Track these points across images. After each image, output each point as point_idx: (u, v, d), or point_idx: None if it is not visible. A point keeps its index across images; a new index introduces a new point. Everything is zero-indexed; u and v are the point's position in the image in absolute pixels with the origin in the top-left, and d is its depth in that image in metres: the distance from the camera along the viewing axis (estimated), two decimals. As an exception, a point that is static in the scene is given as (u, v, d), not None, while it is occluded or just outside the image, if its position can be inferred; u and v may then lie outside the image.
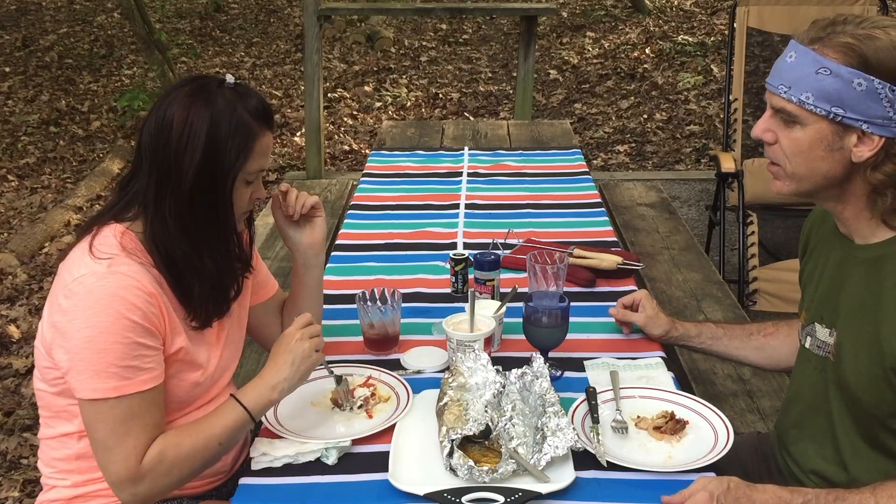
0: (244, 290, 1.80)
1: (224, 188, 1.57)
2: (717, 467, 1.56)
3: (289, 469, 1.59)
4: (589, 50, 8.79)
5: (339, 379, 1.75)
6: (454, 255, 2.30)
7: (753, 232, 3.72)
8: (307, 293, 1.92)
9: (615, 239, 2.67)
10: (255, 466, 1.59)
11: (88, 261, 1.51)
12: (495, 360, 1.78)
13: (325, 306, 2.03)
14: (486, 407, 1.61)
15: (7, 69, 8.68)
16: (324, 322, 2.00)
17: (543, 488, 1.48)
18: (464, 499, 1.45)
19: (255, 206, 1.71)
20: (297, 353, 1.60)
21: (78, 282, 1.49)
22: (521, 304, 1.88)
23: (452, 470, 1.51)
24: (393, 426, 1.67)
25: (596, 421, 1.66)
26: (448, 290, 2.31)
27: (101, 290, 1.48)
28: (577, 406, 1.71)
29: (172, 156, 1.54)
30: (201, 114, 1.53)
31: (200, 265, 1.59)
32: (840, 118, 1.40)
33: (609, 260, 2.34)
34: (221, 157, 1.55)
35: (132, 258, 1.53)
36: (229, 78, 1.60)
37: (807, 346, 1.64)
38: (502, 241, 2.57)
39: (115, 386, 1.48)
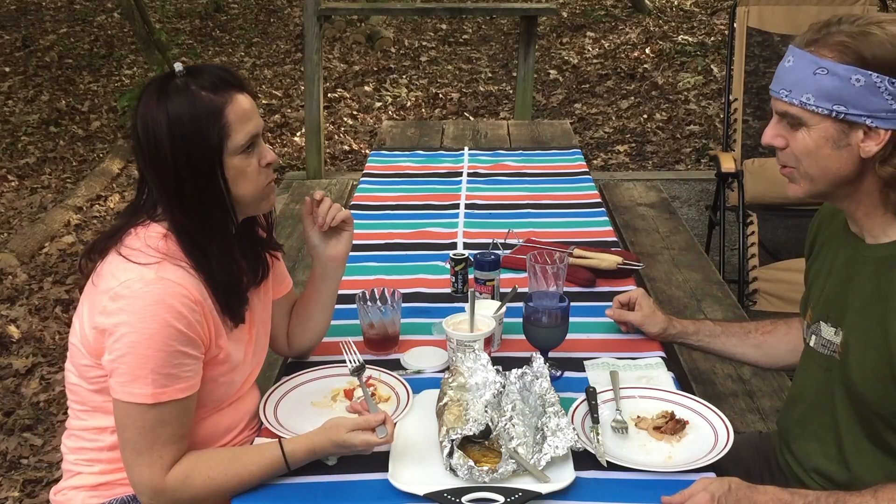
0: (266, 286, 1.79)
1: (213, 172, 1.53)
2: (718, 467, 1.56)
3: (289, 469, 1.59)
4: (589, 50, 8.79)
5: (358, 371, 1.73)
6: (454, 255, 2.30)
7: (753, 232, 3.72)
8: (320, 301, 1.90)
9: (615, 239, 2.67)
10: (255, 466, 1.59)
11: (134, 265, 1.50)
12: (495, 360, 1.78)
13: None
14: (486, 407, 1.61)
15: (7, 69, 8.68)
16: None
17: (543, 488, 1.48)
18: (464, 499, 1.45)
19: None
20: (347, 445, 1.54)
21: (125, 285, 1.48)
22: (521, 304, 1.88)
23: (452, 470, 1.51)
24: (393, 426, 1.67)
25: (596, 421, 1.66)
26: (448, 290, 2.31)
27: (148, 296, 1.47)
28: (577, 406, 1.71)
29: (150, 164, 1.53)
30: (156, 113, 1.50)
31: (209, 268, 1.57)
32: (843, 115, 1.41)
33: (609, 260, 2.34)
34: (196, 144, 1.51)
35: (177, 264, 1.52)
36: (177, 66, 1.55)
37: (811, 344, 1.63)
38: (502, 241, 2.57)
39: (153, 392, 1.47)
